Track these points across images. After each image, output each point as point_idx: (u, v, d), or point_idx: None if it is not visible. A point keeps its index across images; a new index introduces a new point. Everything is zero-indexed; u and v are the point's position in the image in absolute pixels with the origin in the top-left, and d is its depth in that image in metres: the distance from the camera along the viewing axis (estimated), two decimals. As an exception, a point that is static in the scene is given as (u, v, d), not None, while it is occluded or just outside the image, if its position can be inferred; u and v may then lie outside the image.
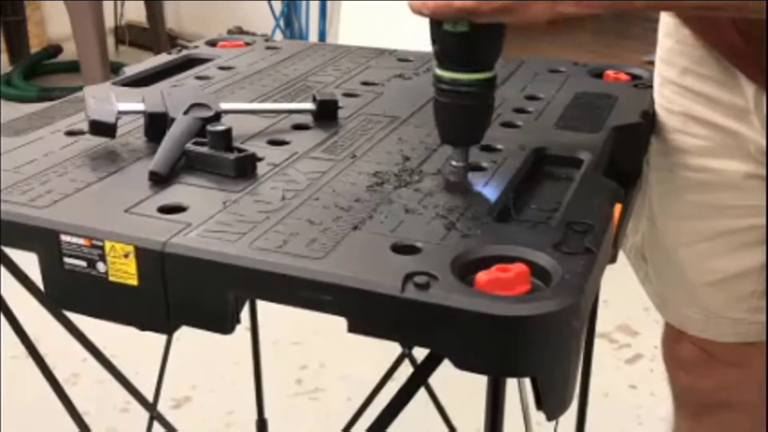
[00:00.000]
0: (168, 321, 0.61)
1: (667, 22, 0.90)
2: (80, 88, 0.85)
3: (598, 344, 1.42)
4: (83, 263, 0.62)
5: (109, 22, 3.64)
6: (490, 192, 0.68)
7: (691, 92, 0.88)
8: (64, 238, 0.62)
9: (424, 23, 0.67)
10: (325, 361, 1.88)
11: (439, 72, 0.67)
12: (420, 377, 0.63)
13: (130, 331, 0.64)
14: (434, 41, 0.67)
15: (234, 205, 0.65)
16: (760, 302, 0.92)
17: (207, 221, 0.62)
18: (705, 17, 0.82)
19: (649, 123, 0.87)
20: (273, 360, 1.60)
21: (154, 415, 1.19)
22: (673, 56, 0.90)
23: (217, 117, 0.78)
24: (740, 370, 0.97)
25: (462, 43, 0.65)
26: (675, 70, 0.89)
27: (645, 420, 1.71)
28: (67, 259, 0.62)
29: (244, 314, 0.80)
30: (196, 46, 1.14)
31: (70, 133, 0.81)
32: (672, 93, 0.90)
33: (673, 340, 1.01)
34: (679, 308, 0.98)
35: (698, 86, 0.87)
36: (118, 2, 3.88)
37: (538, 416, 0.57)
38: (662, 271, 0.99)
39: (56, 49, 3.89)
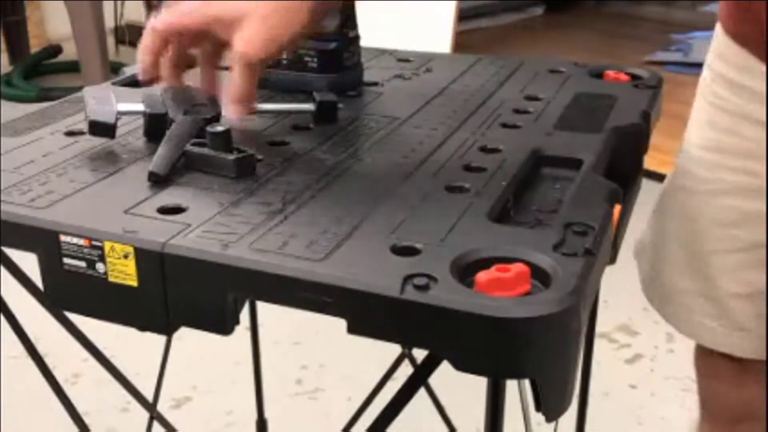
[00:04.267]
0: (167, 322, 0.61)
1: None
2: (80, 88, 0.85)
3: (598, 344, 1.43)
4: (83, 264, 0.62)
5: (109, 22, 3.64)
6: (490, 193, 0.68)
7: (746, 90, 0.86)
8: (63, 238, 0.62)
9: (424, 23, 0.67)
10: (325, 361, 1.88)
11: None
12: (420, 377, 0.63)
13: (130, 331, 0.64)
14: None
15: (233, 206, 0.65)
16: None
17: (206, 222, 0.62)
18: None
19: (648, 123, 0.87)
20: (273, 360, 1.61)
21: (154, 415, 1.19)
22: (731, 53, 0.87)
23: (217, 117, 0.78)
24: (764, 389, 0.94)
25: None
26: (732, 67, 0.87)
27: (645, 420, 1.72)
28: (66, 260, 0.62)
29: (244, 314, 0.80)
30: (196, 47, 1.14)
31: (70, 134, 0.81)
32: (725, 90, 0.88)
33: (707, 349, 0.98)
34: (698, 318, 0.94)
35: (755, 84, 0.85)
36: (118, 2, 3.88)
37: (538, 416, 0.57)
38: (678, 278, 0.95)
39: (56, 49, 3.89)
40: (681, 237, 0.94)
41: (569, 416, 0.74)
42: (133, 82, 0.98)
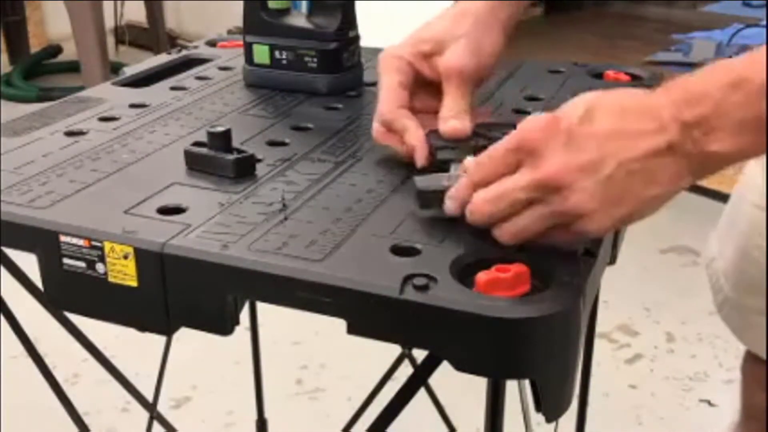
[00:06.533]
0: (167, 322, 0.61)
1: None
2: (80, 88, 0.85)
3: (598, 344, 1.42)
4: (83, 264, 0.62)
5: (109, 22, 3.63)
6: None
7: None
8: (63, 238, 0.62)
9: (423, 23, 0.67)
10: (325, 361, 1.88)
11: None
12: (420, 377, 0.63)
13: (130, 332, 0.64)
14: None
15: (233, 207, 0.65)
16: None
17: (206, 222, 0.62)
18: None
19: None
20: (273, 360, 1.60)
21: (154, 415, 1.19)
22: None
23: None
24: None
25: None
26: None
27: (645, 420, 1.71)
28: (66, 260, 0.62)
29: (244, 314, 0.80)
30: (196, 46, 1.14)
31: (70, 134, 0.81)
32: None
33: (757, 359, 0.93)
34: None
35: None
36: (118, 2, 3.88)
37: (538, 416, 0.57)
38: (753, 298, 0.89)
39: (56, 49, 3.89)
40: (754, 256, 0.89)
41: (569, 416, 0.74)
42: (133, 82, 0.98)
